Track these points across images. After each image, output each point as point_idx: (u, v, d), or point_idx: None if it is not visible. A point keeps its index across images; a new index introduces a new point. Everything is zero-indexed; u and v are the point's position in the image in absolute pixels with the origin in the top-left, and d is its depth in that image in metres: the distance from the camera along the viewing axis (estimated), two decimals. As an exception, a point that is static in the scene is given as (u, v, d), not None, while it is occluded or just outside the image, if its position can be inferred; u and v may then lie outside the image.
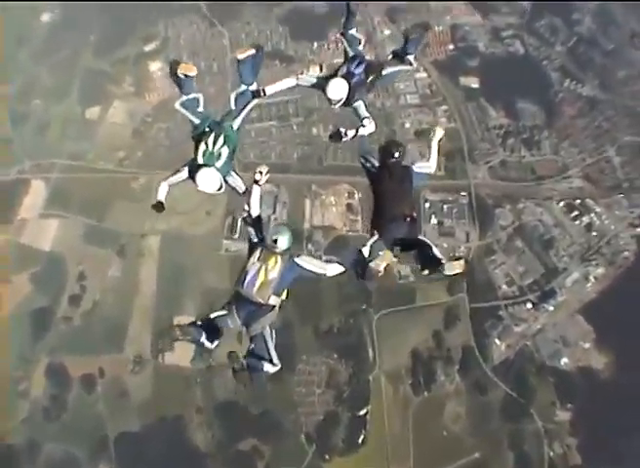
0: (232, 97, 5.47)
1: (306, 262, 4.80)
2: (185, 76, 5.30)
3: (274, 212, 25.30)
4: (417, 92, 26.60)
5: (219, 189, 5.05)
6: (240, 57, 5.42)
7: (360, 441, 24.15)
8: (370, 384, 24.38)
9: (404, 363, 24.42)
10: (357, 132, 5.45)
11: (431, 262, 4.69)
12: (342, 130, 5.39)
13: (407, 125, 25.43)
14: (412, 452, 23.71)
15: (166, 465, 24.14)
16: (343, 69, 5.57)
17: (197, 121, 5.24)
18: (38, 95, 29.62)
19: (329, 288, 24.36)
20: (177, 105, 5.42)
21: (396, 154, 5.20)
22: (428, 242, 4.91)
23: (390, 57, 6.08)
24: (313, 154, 25.95)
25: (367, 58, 5.79)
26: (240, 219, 5.26)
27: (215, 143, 4.99)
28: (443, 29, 27.51)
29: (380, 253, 4.84)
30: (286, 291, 4.88)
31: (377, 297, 24.42)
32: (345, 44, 5.95)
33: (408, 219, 5.01)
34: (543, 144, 26.42)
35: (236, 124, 5.31)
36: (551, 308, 24.67)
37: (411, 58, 6.01)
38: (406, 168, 5.24)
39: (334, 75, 5.54)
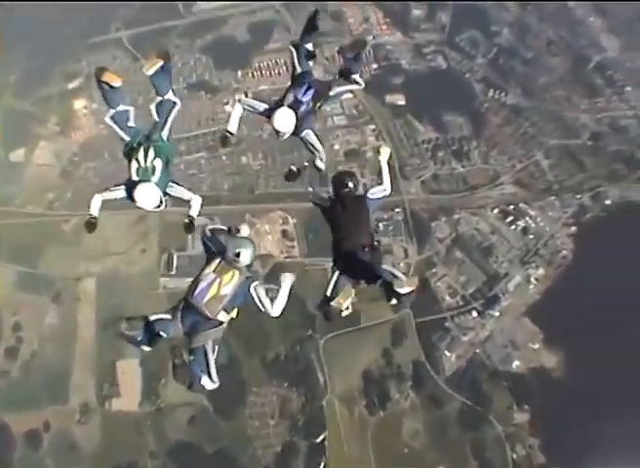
0: (152, 108, 5.17)
1: (257, 295, 4.55)
2: (110, 86, 4.92)
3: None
4: (343, 112, 26.74)
5: (158, 205, 4.77)
6: (149, 72, 5.05)
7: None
8: (324, 409, 24.02)
9: (356, 384, 24.17)
10: (315, 166, 5.26)
11: (393, 290, 4.43)
12: (294, 168, 5.25)
13: (336, 146, 25.55)
14: (375, 474, 23.29)
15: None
16: (289, 97, 5.18)
17: (127, 137, 4.95)
18: (-41, 140, 28.56)
19: (270, 317, 23.97)
20: (106, 119, 5.10)
21: (350, 184, 5.02)
22: (393, 271, 4.72)
23: (337, 76, 5.73)
24: (244, 183, 25.71)
25: (314, 75, 5.43)
26: (203, 230, 4.94)
27: (146, 158, 4.77)
28: (366, 49, 27.77)
29: (342, 291, 4.65)
30: (236, 310, 4.60)
31: (321, 322, 24.18)
32: (294, 57, 5.49)
33: (367, 249, 4.79)
34: (473, 154, 26.97)
35: (165, 134, 5.06)
36: (497, 314, 24.98)
37: (356, 76, 5.66)
38: (360, 197, 5.05)
39: (279, 103, 5.16)
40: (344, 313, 4.70)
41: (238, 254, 4.35)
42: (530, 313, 25.02)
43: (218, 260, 4.48)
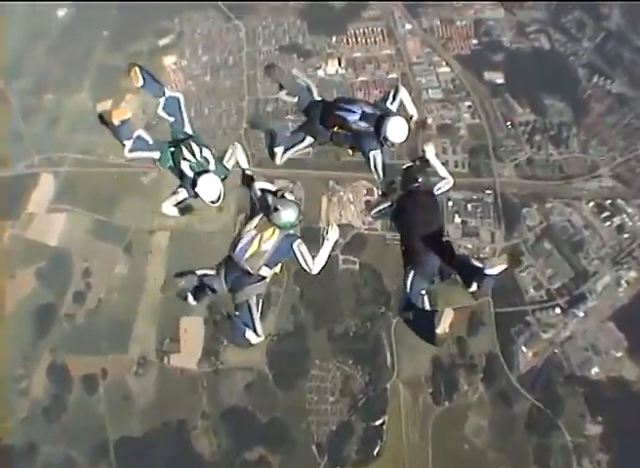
0: (161, 113, 5.07)
1: (299, 252, 4.52)
2: (122, 122, 4.81)
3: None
4: (439, 86, 25.68)
5: (218, 197, 4.70)
6: (139, 84, 4.90)
7: (375, 453, 22.84)
8: (387, 393, 23.10)
9: (424, 370, 23.08)
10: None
11: (475, 274, 4.39)
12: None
13: (429, 120, 24.48)
14: (430, 467, 22.27)
15: (168, 473, 22.90)
16: (360, 124, 4.90)
17: (157, 154, 4.90)
18: (51, 89, 29.29)
19: (345, 289, 23.28)
20: (126, 154, 4.95)
21: (420, 179, 4.87)
22: (463, 257, 4.70)
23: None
24: (331, 149, 24.77)
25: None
26: (253, 186, 4.78)
27: (193, 154, 4.73)
28: (466, 24, 26.73)
29: (443, 313, 4.54)
30: (280, 265, 4.64)
31: (396, 300, 23.15)
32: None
33: (439, 245, 4.67)
34: (571, 142, 25.25)
35: (188, 128, 5.00)
36: (581, 314, 23.29)
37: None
38: (430, 192, 4.90)
39: (376, 117, 4.86)
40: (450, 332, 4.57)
41: (276, 209, 4.36)
42: (616, 318, 23.23)
43: (259, 217, 4.50)
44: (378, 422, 23.07)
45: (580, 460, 22.11)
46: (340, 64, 25.23)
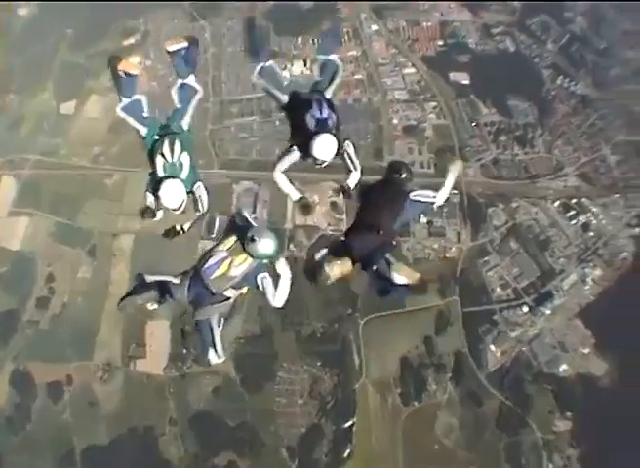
0: (173, 93, 4.92)
1: (263, 286, 4.43)
2: (126, 75, 4.77)
3: (254, 210, 24.09)
4: (405, 87, 25.70)
5: (180, 206, 4.51)
6: (170, 48, 4.88)
7: (346, 455, 22.60)
8: (356, 394, 22.87)
9: (392, 371, 22.94)
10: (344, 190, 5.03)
11: (383, 285, 4.47)
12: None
13: (395, 121, 24.51)
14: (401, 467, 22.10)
15: (134, 481, 22.40)
16: (311, 121, 4.73)
17: (144, 129, 4.74)
18: (13, 89, 28.58)
19: (312, 291, 23.08)
20: (118, 111, 4.82)
21: (403, 175, 4.92)
22: (393, 264, 4.58)
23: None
24: (295, 151, 24.74)
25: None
26: (239, 210, 4.67)
27: (172, 152, 4.56)
28: (432, 25, 26.88)
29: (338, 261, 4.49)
30: (246, 288, 4.51)
31: (363, 302, 23.05)
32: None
33: (381, 233, 4.69)
34: (537, 142, 25.54)
35: (186, 123, 4.82)
36: (548, 312, 23.48)
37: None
38: (403, 191, 4.90)
39: (307, 133, 4.70)
40: (329, 282, 4.53)
41: (253, 240, 4.19)
42: (583, 315, 23.48)
43: (234, 239, 4.34)
44: (347, 424, 22.84)
45: (551, 456, 22.24)
46: (305, 65, 25.11)
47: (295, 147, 4.73)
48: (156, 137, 4.65)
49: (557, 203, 24.80)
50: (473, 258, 23.71)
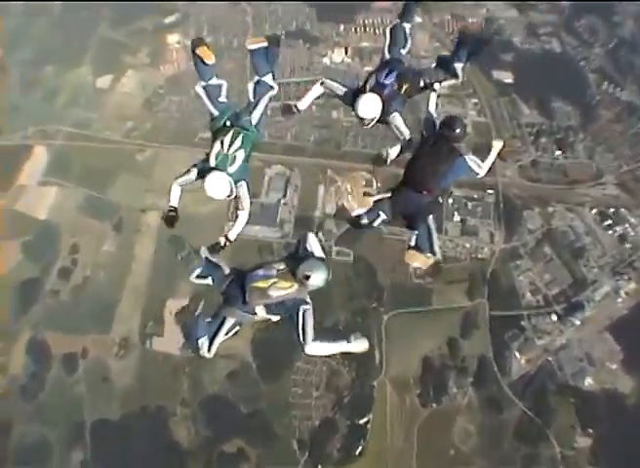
0: (249, 87, 4.97)
1: (302, 319, 4.25)
2: (202, 61, 4.85)
3: (285, 195, 23.75)
4: (446, 82, 25.16)
5: (228, 196, 4.54)
6: (250, 47, 5.02)
7: (358, 452, 22.04)
8: (373, 391, 22.35)
9: (413, 370, 22.38)
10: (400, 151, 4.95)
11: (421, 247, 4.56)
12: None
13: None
14: (414, 470, 21.43)
15: (143, 459, 22.09)
16: (371, 81, 4.88)
17: (216, 112, 4.77)
18: (51, 61, 28.77)
19: (337, 282, 22.66)
20: (197, 89, 4.90)
21: (457, 130, 4.80)
22: (433, 233, 4.72)
23: (434, 64, 5.41)
24: (331, 138, 24.49)
25: (404, 65, 5.08)
26: (305, 236, 4.68)
27: (231, 145, 4.53)
28: (477, 21, 26.33)
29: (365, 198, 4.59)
30: (278, 316, 4.39)
31: (389, 296, 22.54)
32: (387, 42, 5.18)
33: (425, 193, 4.69)
34: (577, 147, 24.84)
35: (255, 117, 4.80)
36: (578, 322, 22.69)
37: (459, 67, 5.33)
38: (454, 149, 4.78)
39: (362, 88, 4.87)
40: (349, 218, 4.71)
41: (308, 277, 4.12)
42: (613, 328, 22.64)
43: (285, 264, 4.30)
44: (362, 421, 22.31)
45: (569, 472, 21.41)
46: (346, 53, 24.80)
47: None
48: (226, 124, 4.65)
49: (594, 211, 24.05)
50: (505, 261, 23.05)
